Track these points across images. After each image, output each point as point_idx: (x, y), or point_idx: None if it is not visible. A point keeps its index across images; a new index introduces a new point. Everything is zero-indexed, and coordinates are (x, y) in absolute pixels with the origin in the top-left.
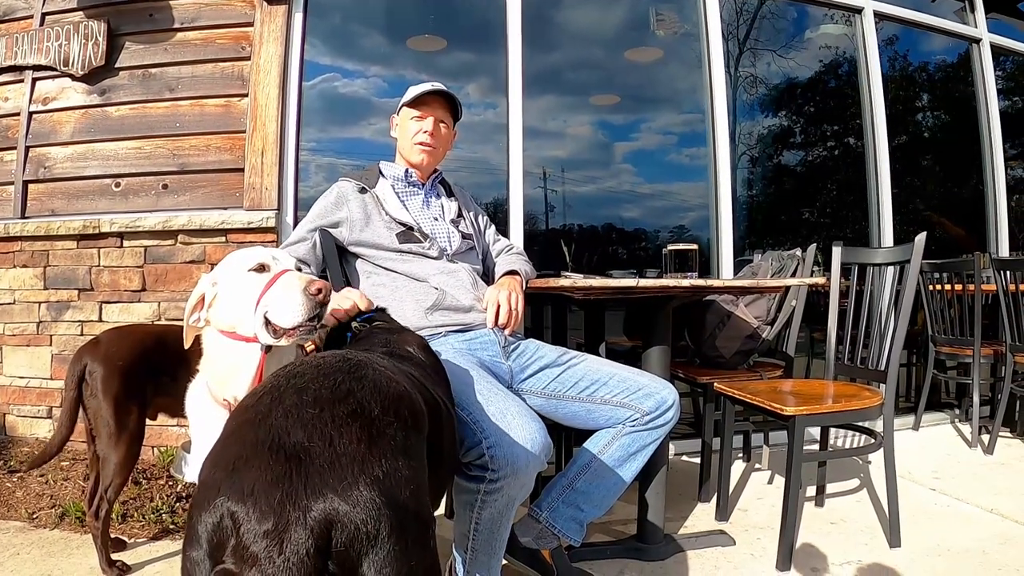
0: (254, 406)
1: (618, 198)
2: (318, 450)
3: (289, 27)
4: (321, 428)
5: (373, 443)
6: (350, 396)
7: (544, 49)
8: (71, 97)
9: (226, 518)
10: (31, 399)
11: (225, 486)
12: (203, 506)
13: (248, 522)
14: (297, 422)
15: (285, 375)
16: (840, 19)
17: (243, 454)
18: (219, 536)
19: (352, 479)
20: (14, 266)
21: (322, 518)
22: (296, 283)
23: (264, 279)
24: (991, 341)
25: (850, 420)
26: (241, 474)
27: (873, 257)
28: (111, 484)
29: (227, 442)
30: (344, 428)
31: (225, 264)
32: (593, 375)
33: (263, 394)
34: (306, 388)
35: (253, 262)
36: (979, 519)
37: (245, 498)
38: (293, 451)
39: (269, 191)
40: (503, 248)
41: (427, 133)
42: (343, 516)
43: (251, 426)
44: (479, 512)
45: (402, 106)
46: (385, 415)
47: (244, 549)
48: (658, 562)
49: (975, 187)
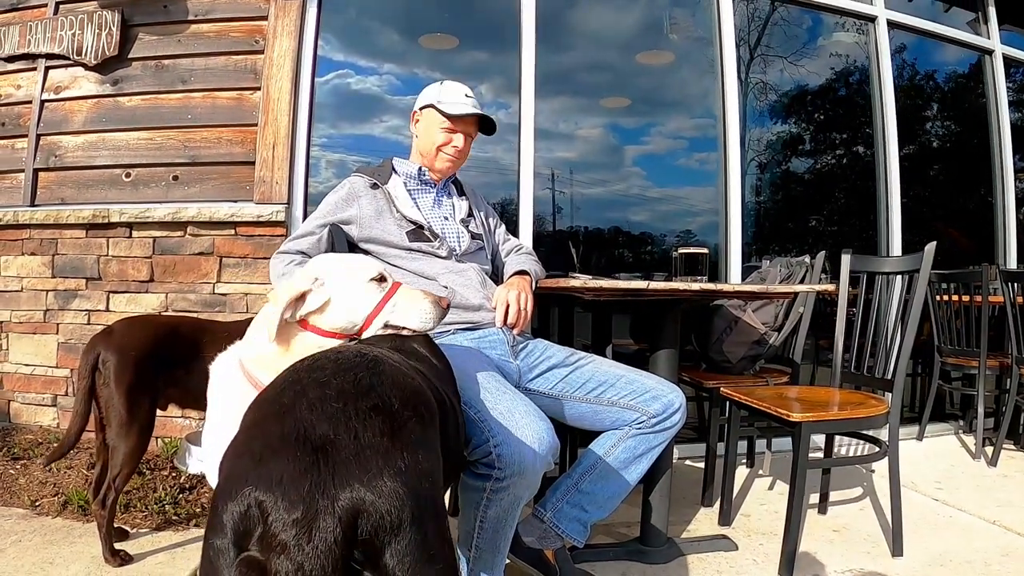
0: (276, 399)
1: (627, 201)
2: (344, 442)
3: (303, 21)
4: (346, 421)
5: (395, 436)
6: (372, 391)
7: (557, 50)
8: (83, 86)
9: (253, 507)
10: (36, 387)
11: (253, 476)
12: (229, 495)
13: (277, 511)
14: (322, 415)
15: (305, 369)
16: (852, 28)
17: (270, 445)
18: (246, 525)
19: (377, 470)
20: (22, 253)
21: (349, 507)
22: (419, 294)
23: (385, 289)
24: (997, 353)
25: (856, 428)
26: (269, 465)
27: (882, 266)
28: (119, 473)
29: (251, 433)
30: (368, 421)
31: (329, 267)
32: (601, 376)
33: (285, 387)
34: (328, 383)
35: (375, 272)
36: (981, 531)
37: (274, 487)
38: (319, 443)
39: (279, 185)
40: (513, 248)
41: (457, 149)
42: (369, 505)
43: (276, 419)
44: (484, 510)
45: (434, 109)
46: (405, 409)
47: (272, 537)
48: (660, 565)
49: (984, 198)
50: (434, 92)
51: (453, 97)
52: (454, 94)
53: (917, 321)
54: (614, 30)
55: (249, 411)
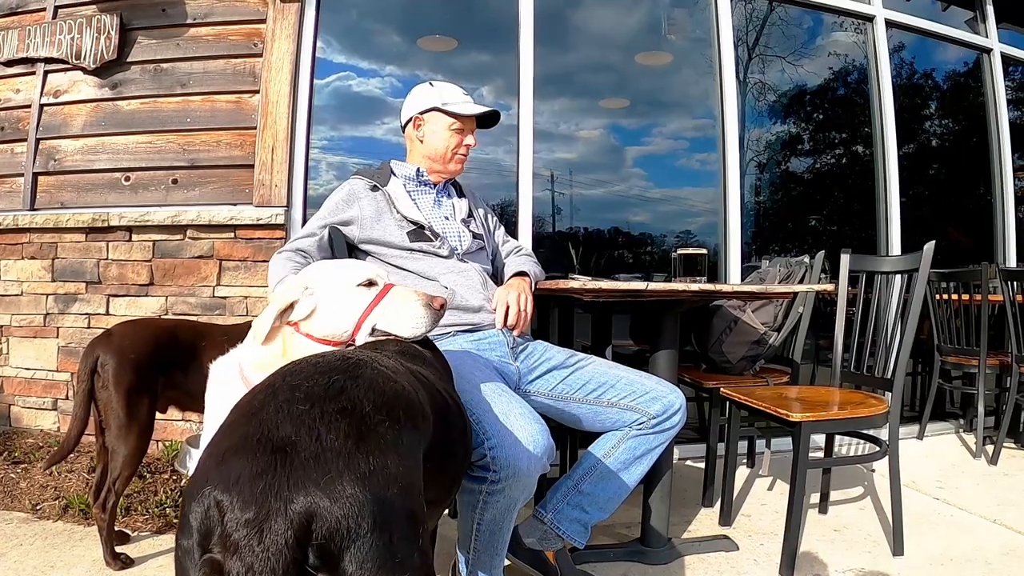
0: (250, 401)
1: (626, 202)
2: (304, 444)
3: (301, 24)
4: (309, 423)
5: (361, 439)
6: (342, 394)
7: (556, 51)
8: (82, 90)
9: (212, 507)
10: (36, 391)
11: (213, 475)
12: (193, 495)
13: (232, 511)
14: (287, 417)
15: (282, 373)
16: (851, 27)
17: (232, 446)
18: (207, 525)
19: (336, 474)
20: (22, 258)
21: (302, 510)
22: (412, 295)
23: (373, 292)
24: (997, 352)
25: (856, 427)
26: (229, 464)
27: (881, 265)
28: (119, 476)
29: (221, 435)
30: (332, 424)
31: (319, 275)
32: (601, 378)
33: (260, 390)
34: (299, 385)
35: (362, 277)
36: (982, 529)
37: (230, 487)
38: (280, 444)
39: (279, 188)
40: (512, 249)
41: (469, 147)
42: (323, 510)
43: (244, 420)
44: (481, 513)
45: (440, 112)
46: (377, 413)
47: (227, 537)
48: (661, 566)
49: (983, 197)
50: (434, 95)
51: (456, 97)
52: (455, 94)
53: (917, 320)
54: (612, 31)
55: (229, 414)
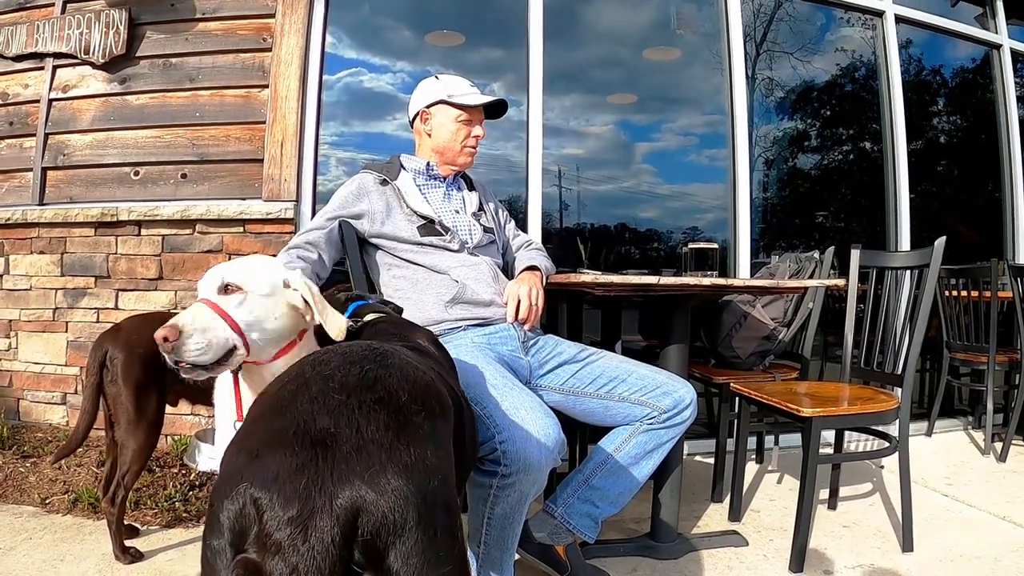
0: (278, 393)
1: (635, 198)
2: (345, 436)
3: (310, 19)
4: (348, 414)
5: (401, 430)
6: (377, 383)
7: (565, 47)
8: (91, 85)
9: (249, 505)
10: (46, 385)
11: (248, 472)
12: (225, 493)
13: (272, 509)
14: (323, 408)
15: (310, 363)
16: (859, 23)
17: (267, 440)
18: (241, 524)
19: (380, 466)
20: (31, 252)
21: (348, 505)
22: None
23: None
24: (1006, 348)
25: (866, 423)
26: (265, 460)
27: (892, 261)
28: (128, 470)
29: (250, 429)
30: (372, 415)
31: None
32: (612, 372)
33: (288, 381)
34: (332, 375)
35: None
36: (991, 526)
37: (269, 484)
38: (319, 437)
39: (288, 182)
40: (523, 243)
41: (478, 138)
42: (370, 504)
43: (276, 413)
44: (491, 507)
45: (447, 104)
46: (413, 403)
47: (267, 537)
48: (671, 561)
49: (992, 193)
50: (440, 87)
51: (462, 88)
52: (461, 86)
53: (927, 316)
54: (622, 26)
55: (253, 406)
